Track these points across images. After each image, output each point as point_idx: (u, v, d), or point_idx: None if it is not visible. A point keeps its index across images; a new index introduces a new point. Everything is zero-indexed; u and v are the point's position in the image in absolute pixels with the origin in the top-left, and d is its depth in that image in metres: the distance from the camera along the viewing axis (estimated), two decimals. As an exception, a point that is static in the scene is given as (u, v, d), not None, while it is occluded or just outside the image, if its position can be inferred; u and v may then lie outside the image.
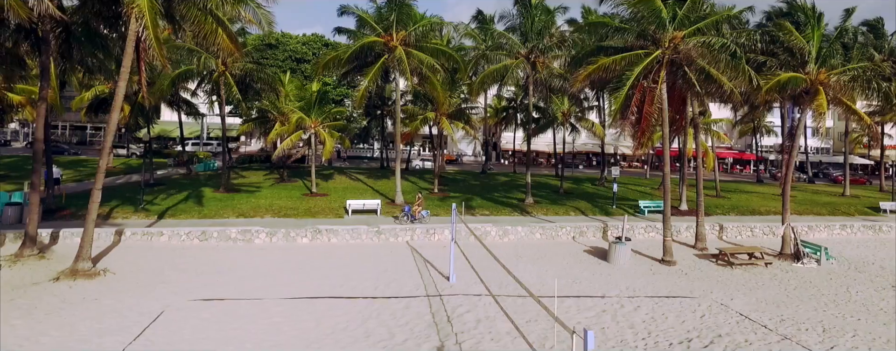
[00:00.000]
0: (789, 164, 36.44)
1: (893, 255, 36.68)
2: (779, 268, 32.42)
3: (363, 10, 44.57)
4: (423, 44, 45.21)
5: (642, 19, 32.01)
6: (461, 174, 74.10)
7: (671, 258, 32.30)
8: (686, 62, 31.89)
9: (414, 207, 39.33)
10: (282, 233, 34.16)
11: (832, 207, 53.16)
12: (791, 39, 33.13)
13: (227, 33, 27.14)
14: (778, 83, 32.44)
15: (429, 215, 39.99)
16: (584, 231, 38.48)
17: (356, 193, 50.88)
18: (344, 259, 31.14)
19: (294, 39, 74.34)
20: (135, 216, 38.02)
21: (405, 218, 38.87)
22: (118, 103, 25.37)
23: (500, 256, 32.52)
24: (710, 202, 53.20)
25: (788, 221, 35.09)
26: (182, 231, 33.04)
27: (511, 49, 47.61)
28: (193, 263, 29.05)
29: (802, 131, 35.43)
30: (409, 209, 39.24)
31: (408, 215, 38.92)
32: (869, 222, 44.52)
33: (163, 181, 54.32)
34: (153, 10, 22.89)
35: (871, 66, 35.22)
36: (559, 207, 47.65)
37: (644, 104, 32.09)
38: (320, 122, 49.72)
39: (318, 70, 47.20)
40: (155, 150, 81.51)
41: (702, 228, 36.58)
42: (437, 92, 47.47)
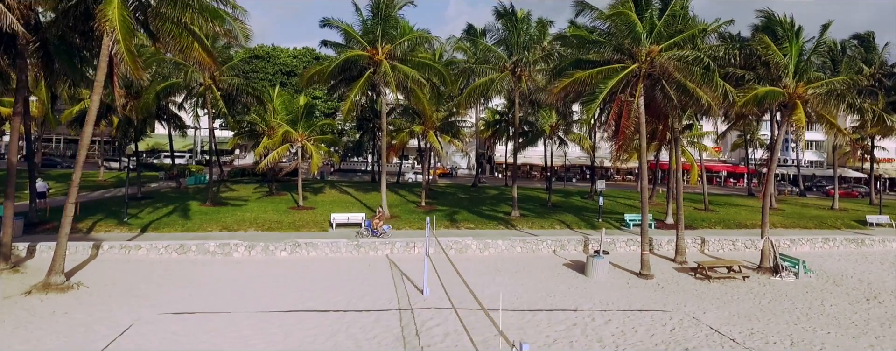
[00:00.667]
0: (769, 177, 36.61)
1: (873, 268, 36.73)
2: (756, 281, 32.45)
3: (347, 23, 44.71)
4: (408, 58, 45.43)
5: (618, 33, 32.19)
6: (452, 188, 74.24)
7: (649, 272, 32.31)
8: (663, 76, 32.05)
9: (374, 222, 39.17)
10: (261, 246, 34.18)
11: (819, 220, 53.22)
12: (768, 53, 33.26)
13: (204, 47, 27.31)
14: (755, 97, 32.56)
15: (390, 230, 39.83)
16: (564, 244, 38.49)
17: (344, 206, 50.99)
18: (321, 273, 31.16)
19: (284, 53, 74.65)
20: (118, 230, 38.14)
21: (366, 232, 38.75)
22: (91, 117, 25.47)
23: (479, 269, 33.10)
24: (697, 215, 53.35)
25: (767, 234, 35.09)
26: (160, 245, 33.05)
27: (497, 63, 47.81)
28: (169, 276, 29.07)
29: (781, 145, 35.41)
30: (370, 224, 39.09)
31: (368, 229, 38.78)
32: (852, 236, 44.53)
33: (151, 195, 54.49)
34: (125, 25, 23.06)
35: (846, 80, 35.16)
36: (545, 220, 47.76)
37: (621, 117, 32.19)
38: (307, 136, 49.87)
39: (302, 84, 47.33)
40: (148, 164, 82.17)
41: (682, 241, 36.58)
42: (424, 106, 47.67)
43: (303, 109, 50.48)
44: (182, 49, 26.74)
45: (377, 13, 43.69)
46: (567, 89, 32.88)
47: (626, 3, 32.01)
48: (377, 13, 43.69)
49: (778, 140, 35.48)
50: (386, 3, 43.55)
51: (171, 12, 24.82)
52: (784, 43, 34.60)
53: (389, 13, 43.93)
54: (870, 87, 62.88)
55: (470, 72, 50.39)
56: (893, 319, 26.04)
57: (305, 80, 45.97)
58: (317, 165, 49.87)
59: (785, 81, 33.62)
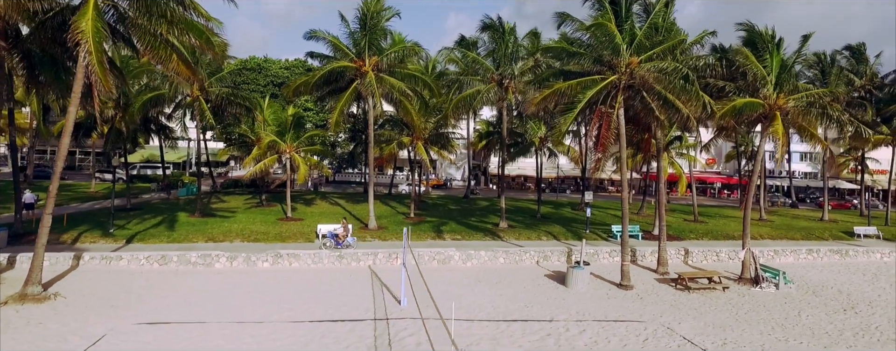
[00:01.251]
0: (749, 189, 36.80)
1: (855, 279, 36.78)
2: (736, 292, 32.51)
3: (334, 35, 44.86)
4: (396, 69, 45.62)
5: (597, 45, 32.40)
6: (444, 199, 74.31)
7: (628, 282, 32.38)
8: (643, 87, 32.23)
9: (339, 233, 39.13)
10: (242, 257, 34.26)
11: (807, 231, 53.31)
12: (746, 64, 33.50)
13: (182, 59, 27.45)
14: (733, 108, 32.77)
15: (356, 242, 39.71)
16: (548, 255, 38.55)
17: (333, 217, 50.99)
18: (301, 283, 31.23)
19: (276, 64, 74.95)
20: (103, 241, 38.20)
21: (330, 243, 38.62)
22: (68, 128, 25.63)
23: (460, 280, 33.20)
24: (686, 227, 53.50)
25: (748, 245, 35.19)
26: (141, 255, 33.13)
27: (484, 74, 48.06)
28: (148, 287, 29.13)
29: (764, 156, 35.55)
30: (333, 235, 39.03)
31: (332, 241, 38.68)
32: (837, 247, 44.56)
33: (141, 206, 54.59)
34: (98, 37, 23.25)
35: (826, 91, 35.36)
36: (532, 231, 47.87)
37: (602, 128, 32.33)
38: (295, 147, 50.04)
39: (288, 94, 47.50)
40: (141, 176, 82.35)
41: (664, 252, 36.64)
42: (412, 117, 47.80)
43: (291, 120, 50.69)
44: (161, 61, 26.91)
45: (364, 25, 43.86)
46: (548, 100, 33.02)
47: (605, 14, 32.23)
48: (364, 25, 43.86)
49: (759, 151, 35.62)
50: (372, 14, 43.75)
51: (147, 24, 25.02)
52: (765, 55, 34.80)
53: (376, 24, 44.11)
54: (859, 98, 63.19)
55: (458, 83, 50.62)
56: (867, 328, 26.17)
57: (291, 90, 46.10)
58: (303, 176, 49.91)
59: (764, 92, 33.78)
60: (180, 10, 25.32)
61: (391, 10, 44.85)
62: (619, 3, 32.58)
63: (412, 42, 48.63)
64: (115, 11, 26.36)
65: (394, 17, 45.10)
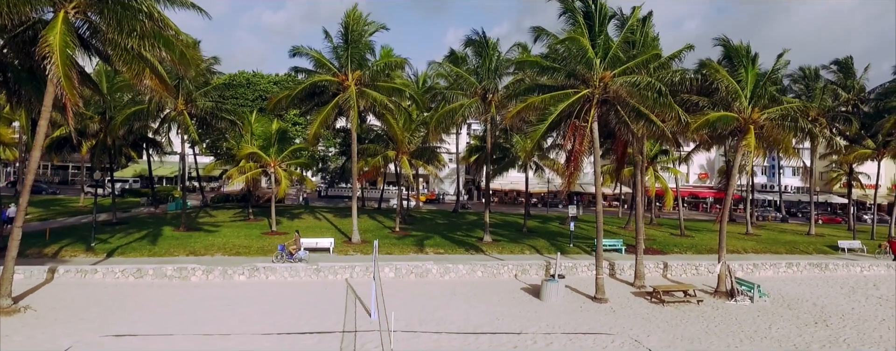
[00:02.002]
0: (725, 203, 36.90)
1: (832, 292, 36.84)
2: (710, 305, 32.54)
3: (317, 50, 45.16)
4: (380, 83, 45.86)
5: (570, 59, 32.62)
6: (433, 213, 74.50)
7: (603, 295, 32.43)
8: (617, 101, 32.43)
9: (289, 246, 38.92)
10: (219, 270, 34.34)
11: (792, 245, 53.37)
12: (718, 77, 33.76)
13: (156, 73, 27.68)
14: (707, 122, 32.95)
15: (307, 255, 39.36)
16: (526, 269, 38.58)
17: (318, 231, 51.10)
18: (275, 296, 31.24)
19: (265, 79, 75.34)
20: (83, 255, 38.27)
21: (282, 256, 38.36)
22: (38, 141, 25.83)
23: (436, 293, 33.27)
24: (671, 240, 53.60)
25: (724, 258, 35.28)
26: (117, 269, 33.21)
27: (468, 88, 48.33)
28: (121, 300, 29.16)
29: (738, 171, 35.72)
30: (284, 248, 38.77)
31: (283, 254, 38.44)
32: (816, 260, 44.65)
33: (127, 220, 54.65)
34: (64, 50, 23.46)
35: (799, 105, 35.63)
36: (516, 245, 47.93)
37: (575, 142, 32.48)
38: (279, 161, 50.23)
39: (270, 107, 47.77)
40: (132, 190, 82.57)
41: (640, 265, 36.69)
42: (395, 131, 47.99)
43: (275, 135, 50.92)
44: (134, 75, 27.09)
45: (346, 39, 44.15)
46: (522, 114, 33.24)
47: (578, 29, 32.50)
48: (346, 39, 44.15)
49: (734, 166, 35.73)
50: (354, 29, 44.05)
51: (118, 38, 25.23)
52: (740, 69, 35.06)
53: (358, 39, 44.39)
54: (845, 113, 63.48)
55: (442, 98, 50.88)
56: (836, 341, 26.23)
57: (273, 104, 46.38)
58: (285, 189, 50.08)
59: (738, 106, 34.00)
60: (151, 24, 25.51)
61: (375, 25, 45.29)
62: (593, 17, 32.80)
63: (397, 56, 48.85)
64: (89, 25, 26.61)
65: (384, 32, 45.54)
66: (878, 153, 60.81)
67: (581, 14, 33.09)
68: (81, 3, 24.91)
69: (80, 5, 25.02)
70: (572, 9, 33.32)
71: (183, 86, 46.83)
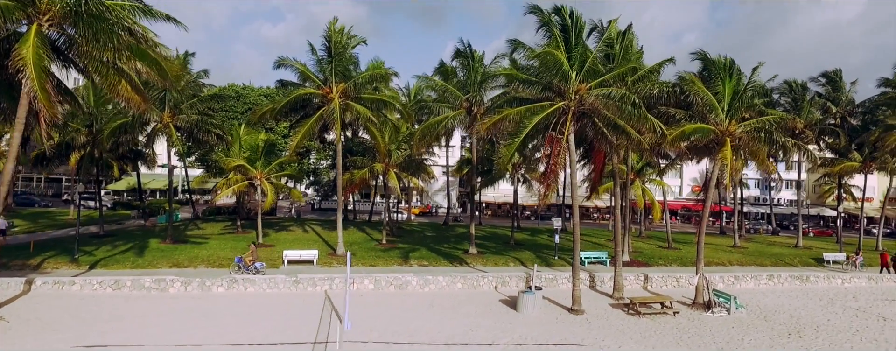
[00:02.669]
0: (703, 215, 37.00)
1: (810, 304, 36.95)
2: (686, 317, 32.65)
3: (302, 63, 45.40)
4: (364, 95, 46.08)
5: (546, 72, 32.85)
6: (424, 226, 74.64)
7: (579, 307, 32.53)
8: (594, 113, 32.64)
9: (246, 258, 38.86)
10: (197, 282, 34.47)
11: (777, 258, 53.44)
12: (693, 89, 34.01)
13: (133, 86, 27.89)
14: (682, 133, 33.16)
15: (264, 267, 39.18)
16: (506, 281, 38.69)
17: (305, 243, 51.19)
18: (252, 307, 31.36)
19: (255, 91, 75.64)
20: (66, 266, 38.31)
21: (239, 269, 38.27)
22: (12, 153, 26.01)
23: (414, 304, 33.39)
24: (658, 253, 53.65)
25: (701, 271, 35.41)
26: (95, 280, 33.34)
27: (453, 101, 48.58)
28: (96, 311, 29.27)
29: (715, 183, 35.92)
30: (241, 260, 38.68)
31: (240, 266, 38.35)
32: (798, 273, 44.73)
33: (115, 233, 54.74)
34: (39, 63, 23.69)
35: (776, 118, 35.85)
36: (501, 257, 47.98)
37: (552, 154, 32.64)
38: (265, 174, 50.43)
39: (254, 120, 48.01)
40: (124, 202, 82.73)
41: (619, 277, 36.84)
42: (379, 143, 48.15)
43: (262, 147, 51.14)
44: (110, 87, 27.32)
45: (330, 52, 44.41)
46: (497, 126, 33.48)
47: (554, 42, 32.74)
48: (330, 52, 44.41)
49: (712, 178, 35.95)
50: (338, 41, 44.32)
51: (93, 50, 25.47)
52: (717, 82, 35.29)
53: (343, 52, 44.64)
54: (831, 126, 63.71)
55: (428, 110, 51.14)
56: (806, 352, 26.35)
57: (257, 117, 46.66)
58: (271, 202, 50.24)
59: (713, 118, 34.23)
60: (127, 36, 25.73)
61: (357, 38, 45.54)
62: (569, 31, 33.04)
63: (386, 69, 48.96)
64: (65, 37, 26.87)
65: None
66: (865, 166, 60.95)
67: (558, 27, 33.33)
68: (56, 16, 25.16)
69: (54, 18, 25.27)
70: (549, 22, 33.56)
71: (169, 98, 47.01)
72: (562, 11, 33.48)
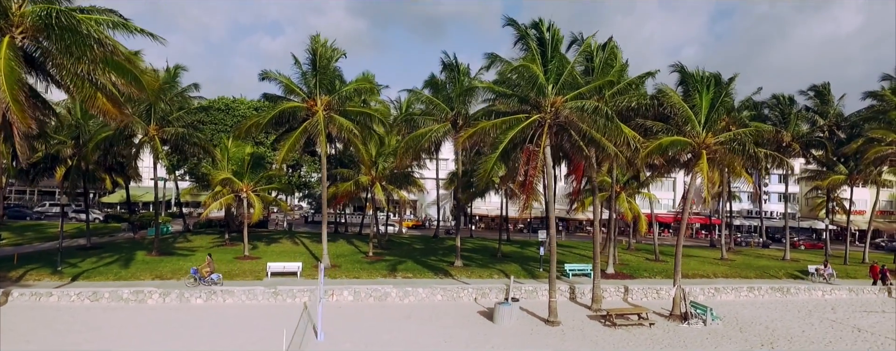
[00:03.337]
0: (681, 228, 37.19)
1: (787, 316, 37.06)
2: (662, 328, 32.74)
3: (286, 76, 45.66)
4: (349, 108, 46.32)
5: (522, 85, 33.12)
6: (414, 239, 74.70)
7: (555, 319, 32.64)
8: (571, 126, 32.88)
9: (202, 269, 38.72)
10: (176, 293, 34.61)
11: (762, 270, 53.45)
12: (670, 102, 34.28)
13: (109, 98, 28.05)
14: (659, 146, 33.38)
15: (220, 278, 38.89)
16: (486, 292, 38.81)
17: (292, 256, 51.21)
18: (228, 319, 31.47)
19: (245, 104, 75.90)
20: (48, 279, 38.37)
21: (194, 280, 38.12)
22: (-14, 165, 26.23)
23: (391, 316, 33.51)
24: (645, 266, 53.73)
25: (679, 282, 35.55)
26: (72, 292, 33.48)
27: (438, 114, 48.84)
28: (70, 323, 29.37)
29: (692, 195, 36.10)
30: (196, 271, 38.58)
31: (195, 277, 38.22)
32: (779, 285, 44.88)
33: (103, 245, 54.86)
34: (13, 75, 23.89)
35: (752, 130, 36.13)
36: (486, 270, 48.00)
37: (529, 167, 32.85)
38: (252, 186, 50.62)
39: (240, 134, 48.18)
40: (116, 215, 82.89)
41: (598, 289, 36.98)
42: (363, 156, 48.29)
43: (248, 160, 51.36)
44: (86, 99, 27.51)
45: (314, 65, 44.68)
46: (474, 139, 33.72)
47: (530, 55, 33.04)
48: (314, 65, 44.68)
49: (690, 190, 36.15)
50: (322, 54, 44.61)
51: (67, 63, 25.69)
52: (695, 95, 35.55)
53: (327, 65, 44.92)
54: (817, 138, 64.02)
55: (412, 123, 51.40)
56: (775, 364, 26.43)
57: (242, 131, 46.83)
58: (259, 215, 50.39)
59: (689, 131, 34.47)
60: (100, 49, 25.92)
61: (338, 52, 45.86)
62: (546, 44, 33.32)
63: (369, 82, 49.39)
64: (42, 50, 27.10)
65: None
66: (851, 179, 61.21)
67: (534, 40, 33.63)
68: (28, 29, 25.42)
69: (27, 30, 25.54)
70: (526, 35, 33.89)
71: (155, 111, 47.24)
72: (539, 25, 33.82)
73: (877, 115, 57.85)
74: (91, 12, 27.27)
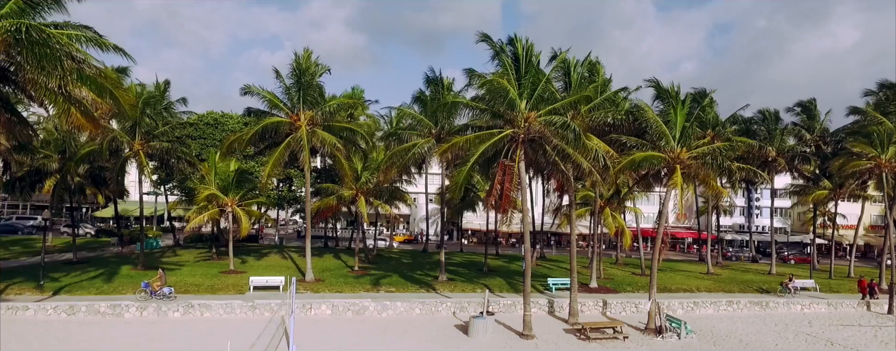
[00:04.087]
0: (657, 242, 37.40)
1: (764, 329, 37.18)
2: (636, 341, 32.91)
3: (270, 91, 45.96)
4: (334, 123, 46.64)
5: (495, 100, 33.45)
6: (403, 253, 74.85)
7: (530, 332, 32.79)
8: (545, 141, 33.15)
9: (153, 283, 38.53)
10: (153, 307, 34.76)
11: (746, 284, 53.63)
12: (644, 116, 34.60)
13: (83, 112, 28.27)
14: (632, 161, 33.67)
15: (173, 292, 38.73)
16: (465, 306, 38.95)
17: (279, 270, 51.27)
18: (203, 333, 31.57)
19: (234, 119, 76.27)
20: (29, 293, 38.42)
21: (145, 293, 37.82)
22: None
23: (368, 330, 33.66)
24: (629, 280, 53.90)
25: (654, 296, 35.75)
26: (49, 306, 33.60)
27: (422, 129, 49.16)
28: (44, 337, 29.47)
29: (669, 209, 36.36)
30: (147, 285, 38.38)
31: (146, 291, 37.94)
32: (758, 299, 45.04)
33: (89, 260, 54.98)
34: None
35: (727, 145, 36.43)
36: (470, 284, 48.13)
37: (505, 181, 33.10)
38: (237, 201, 50.89)
39: (223, 150, 48.45)
40: (107, 230, 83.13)
41: (574, 303, 37.17)
42: (345, 170, 48.45)
43: (233, 175, 51.66)
44: (61, 113, 27.74)
45: (298, 80, 45.01)
46: (447, 153, 34.04)
47: (504, 71, 33.38)
48: (298, 80, 45.01)
49: (666, 203, 36.40)
50: (307, 69, 44.97)
51: (38, 77, 25.90)
52: (670, 110, 35.89)
53: (310, 81, 45.24)
54: (806, 154, 64.34)
55: (397, 138, 51.71)
56: (742, 377, 26.56)
57: (225, 147, 47.09)
58: (246, 229, 50.61)
59: (662, 145, 34.77)
60: (72, 63, 26.18)
61: (323, 67, 46.25)
62: (520, 60, 33.67)
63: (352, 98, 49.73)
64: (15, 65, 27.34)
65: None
66: (835, 194, 61.53)
67: (509, 56, 34.00)
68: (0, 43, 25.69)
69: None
70: (502, 50, 34.24)
71: (140, 125, 47.51)
72: (514, 41, 34.19)
73: (861, 130, 58.21)
74: (65, 27, 27.60)
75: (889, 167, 50.06)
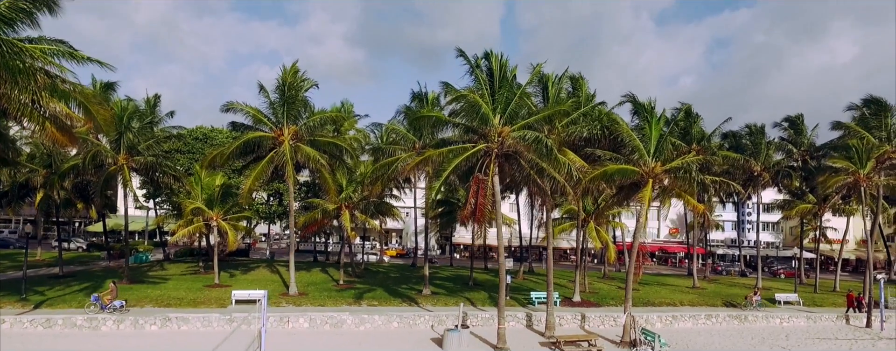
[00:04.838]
0: (632, 255, 37.62)
1: (740, 343, 37.39)
2: (609, 355, 33.11)
3: (254, 106, 46.30)
4: (317, 138, 46.96)
5: (469, 114, 33.79)
6: (392, 267, 75.03)
7: (504, 345, 32.99)
8: (519, 155, 33.46)
9: (103, 296, 38.32)
10: (130, 320, 34.96)
11: (730, 298, 53.77)
12: (619, 130, 34.94)
13: (59, 126, 28.61)
14: (603, 174, 33.97)
15: (124, 306, 38.64)
16: (443, 320, 39.10)
17: (264, 284, 51.41)
18: (178, 346, 31.77)
19: (223, 134, 76.70)
20: (10, 306, 38.59)
21: (95, 307, 37.63)
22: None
23: (344, 343, 33.85)
24: (614, 294, 54.09)
25: (629, 310, 35.94)
26: (25, 319, 33.79)
27: (405, 143, 49.52)
28: (19, 349, 29.69)
29: (646, 224, 36.62)
30: (97, 298, 38.13)
31: (97, 304, 37.72)
32: (737, 313, 45.23)
33: (77, 273, 55.13)
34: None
35: (698, 159, 36.73)
36: (452, 297, 48.27)
37: (479, 196, 33.36)
38: (222, 215, 51.15)
39: (205, 165, 48.71)
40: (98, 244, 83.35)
41: (551, 316, 37.31)
42: (328, 185, 48.71)
43: (219, 190, 51.94)
44: (37, 128, 28.06)
45: (282, 95, 45.34)
46: (420, 167, 34.37)
47: (479, 86, 33.74)
48: (282, 95, 45.34)
49: (641, 217, 36.64)
50: (292, 84, 45.30)
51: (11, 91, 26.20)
52: (645, 124, 36.23)
53: (294, 95, 45.53)
54: (791, 168, 64.70)
55: (381, 152, 52.07)
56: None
57: (207, 161, 47.33)
58: (233, 243, 50.84)
59: (635, 159, 35.09)
60: (47, 79, 26.53)
61: (310, 82, 46.64)
62: (494, 75, 34.02)
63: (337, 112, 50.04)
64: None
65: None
66: (820, 208, 61.82)
67: (484, 71, 34.37)
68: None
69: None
70: (478, 65, 34.59)
71: (125, 139, 47.73)
72: (489, 56, 34.56)
73: (845, 145, 58.54)
74: (40, 42, 27.96)
75: (867, 182, 50.28)
